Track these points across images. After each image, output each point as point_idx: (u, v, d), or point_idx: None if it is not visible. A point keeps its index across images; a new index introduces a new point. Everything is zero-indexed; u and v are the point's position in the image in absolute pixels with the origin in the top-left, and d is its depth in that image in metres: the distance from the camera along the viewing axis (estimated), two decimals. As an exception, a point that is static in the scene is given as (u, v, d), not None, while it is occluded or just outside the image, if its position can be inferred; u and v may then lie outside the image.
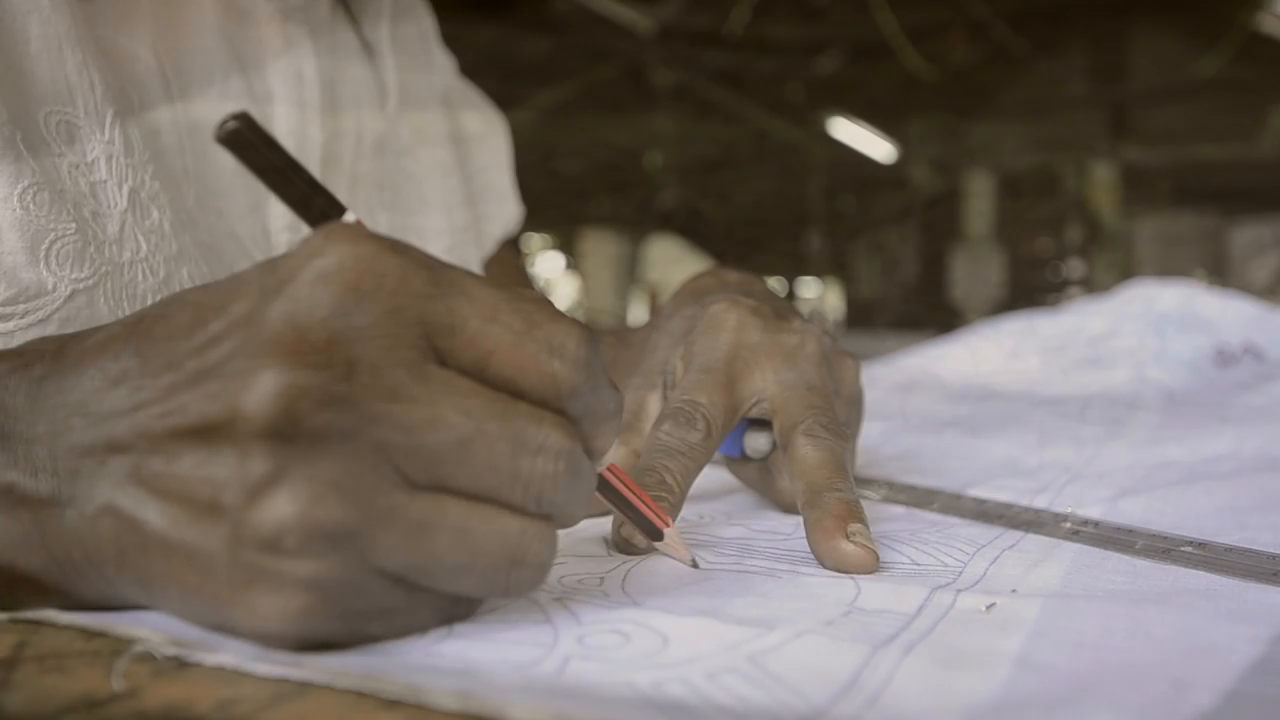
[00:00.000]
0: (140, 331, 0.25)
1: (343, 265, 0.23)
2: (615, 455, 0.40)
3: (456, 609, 0.26)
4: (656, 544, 0.33)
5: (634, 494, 0.32)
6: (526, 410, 0.24)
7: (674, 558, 0.33)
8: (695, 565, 0.32)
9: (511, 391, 0.24)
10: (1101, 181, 7.59)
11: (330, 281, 0.23)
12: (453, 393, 0.23)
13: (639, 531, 0.33)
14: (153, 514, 0.23)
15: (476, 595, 0.25)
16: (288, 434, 0.22)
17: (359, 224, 0.26)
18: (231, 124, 0.25)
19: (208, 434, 0.23)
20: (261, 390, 0.22)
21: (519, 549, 0.24)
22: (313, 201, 0.27)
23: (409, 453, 0.23)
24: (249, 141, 0.26)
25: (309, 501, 0.22)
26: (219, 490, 0.23)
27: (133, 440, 0.24)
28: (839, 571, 0.32)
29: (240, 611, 0.23)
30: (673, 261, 3.35)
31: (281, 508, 0.22)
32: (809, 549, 0.34)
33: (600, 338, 0.26)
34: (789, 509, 0.41)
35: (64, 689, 0.22)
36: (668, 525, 0.33)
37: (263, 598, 0.23)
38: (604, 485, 0.31)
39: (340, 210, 0.27)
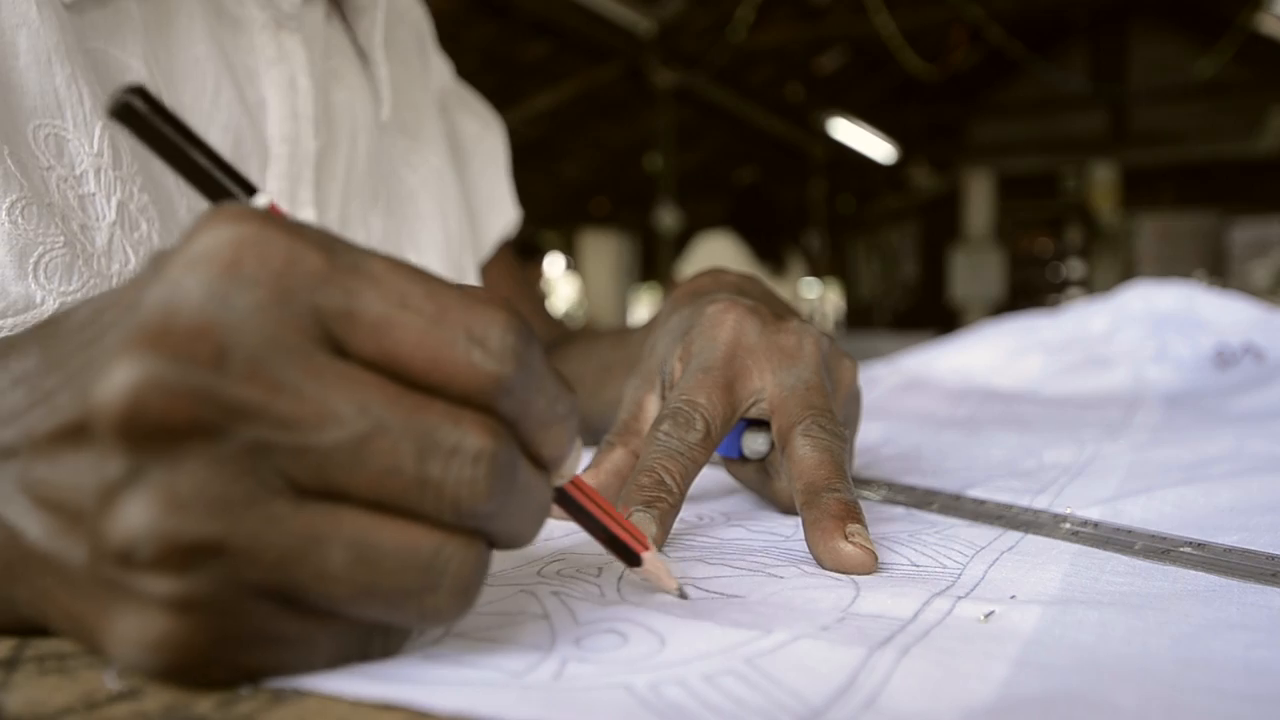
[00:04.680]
0: (47, 330, 0.23)
1: (219, 245, 0.20)
2: (613, 458, 0.40)
3: (372, 641, 0.23)
4: (636, 571, 0.29)
5: (606, 512, 0.28)
6: (440, 408, 0.21)
7: (657, 587, 0.30)
8: (683, 596, 0.29)
9: (426, 388, 0.21)
10: (1101, 181, 7.59)
11: (206, 263, 0.20)
12: (348, 386, 0.21)
13: (615, 557, 0.29)
14: (32, 524, 0.21)
15: (386, 622, 0.22)
16: (143, 432, 0.19)
17: (272, 207, 0.24)
18: (124, 97, 0.23)
19: (76, 434, 0.20)
20: (111, 384, 0.19)
21: (433, 570, 0.21)
22: (220, 182, 0.24)
23: (294, 454, 0.20)
24: (144, 118, 0.23)
25: (165, 509, 0.19)
26: (82, 496, 0.20)
27: (20, 444, 0.22)
28: (837, 572, 0.32)
29: (107, 636, 0.21)
30: (723, 263, 3.23)
31: (134, 516, 0.19)
32: (808, 550, 0.34)
33: (534, 330, 0.23)
34: (787, 509, 0.41)
35: (64, 689, 0.22)
36: (646, 549, 0.29)
37: (125, 619, 0.20)
38: (568, 503, 0.27)
39: (250, 190, 0.24)
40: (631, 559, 0.29)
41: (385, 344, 0.21)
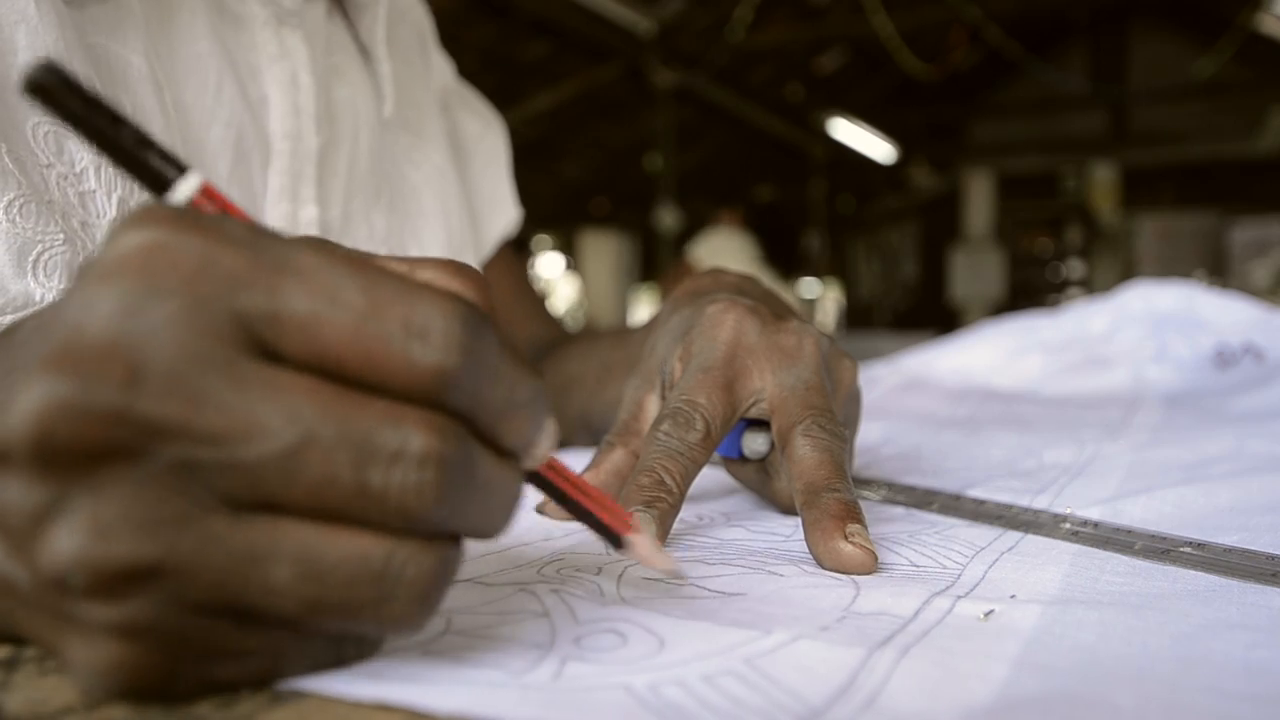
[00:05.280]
0: (3, 340, 0.22)
1: (128, 254, 0.19)
2: (613, 459, 0.40)
3: (344, 646, 0.22)
4: (622, 554, 0.27)
5: (586, 494, 0.27)
6: (380, 409, 0.20)
7: (651, 567, 0.28)
8: (680, 577, 0.29)
9: (366, 387, 0.20)
10: (1101, 181, 7.59)
11: (114, 275, 0.19)
12: (277, 394, 0.19)
13: (601, 540, 0.28)
14: None
15: (347, 632, 0.21)
16: (58, 458, 0.19)
17: (205, 187, 0.23)
18: (37, 73, 0.21)
19: (3, 459, 0.19)
20: (19, 410, 0.19)
21: (386, 578, 0.20)
22: (145, 161, 0.22)
23: (222, 470, 0.19)
24: (59, 95, 0.21)
25: (92, 535, 0.19)
26: (18, 521, 0.20)
27: None
28: (837, 572, 0.32)
29: (63, 658, 0.20)
30: (725, 257, 3.35)
31: (62, 543, 0.19)
32: (807, 550, 0.34)
33: (486, 314, 0.22)
34: (787, 510, 0.41)
35: (64, 689, 0.22)
36: (631, 530, 0.27)
37: (75, 645, 0.20)
38: (545, 486, 0.26)
39: (179, 168, 0.23)
40: (616, 541, 0.27)
41: (316, 345, 0.20)
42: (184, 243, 0.20)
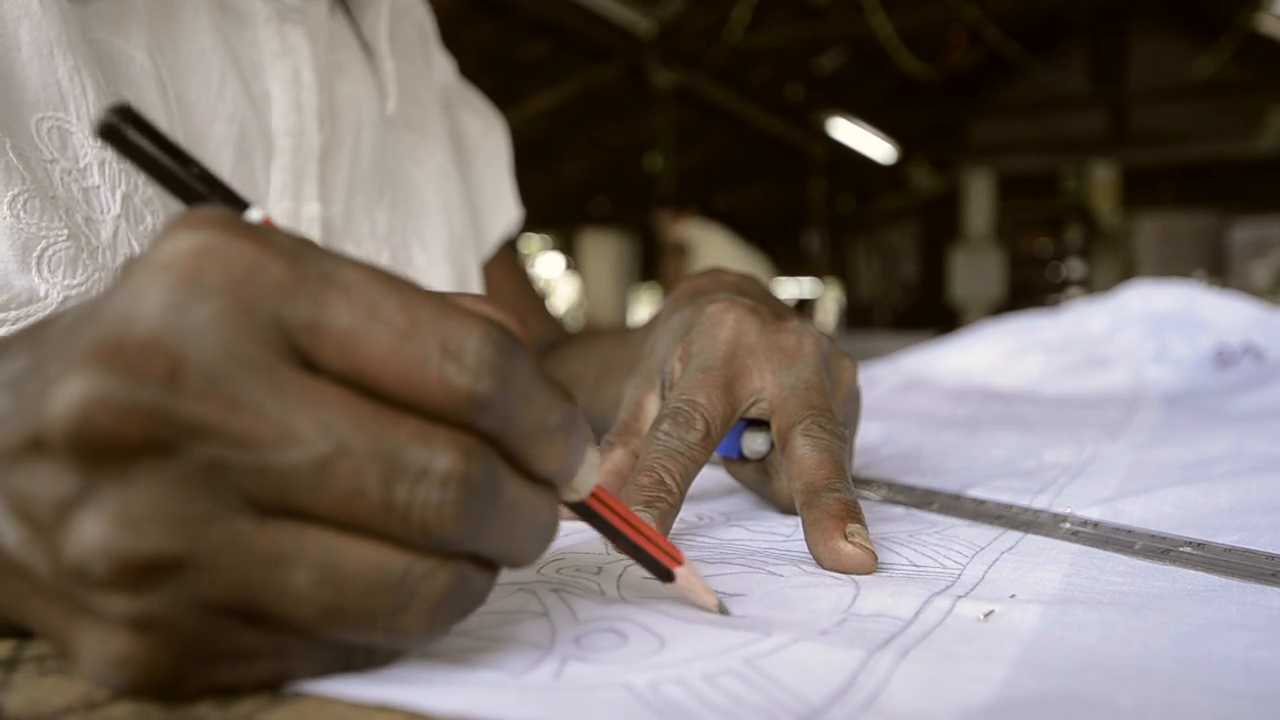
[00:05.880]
0: (38, 332, 0.22)
1: (179, 254, 0.20)
2: (613, 459, 0.40)
3: (353, 655, 0.22)
4: (669, 586, 0.28)
5: (634, 527, 0.27)
6: (412, 427, 0.20)
7: (693, 603, 0.28)
8: (725, 612, 0.28)
9: (400, 404, 0.21)
10: (1101, 181, 7.59)
11: (164, 273, 0.20)
12: (313, 404, 0.20)
13: (647, 571, 0.28)
14: (8, 531, 0.21)
15: (356, 641, 0.21)
16: (93, 449, 0.19)
17: (266, 222, 0.23)
18: (109, 117, 0.22)
19: (37, 447, 0.20)
20: (60, 400, 0.19)
21: (402, 590, 0.20)
22: (209, 199, 0.23)
23: (252, 474, 0.20)
24: (129, 137, 0.22)
25: (118, 527, 0.19)
26: (43, 510, 0.20)
27: (3, 450, 0.21)
28: (837, 572, 0.32)
29: (74, 648, 0.21)
30: (717, 250, 3.50)
31: (87, 533, 0.19)
32: (807, 550, 0.34)
33: (520, 338, 0.22)
34: (787, 509, 0.41)
35: (64, 689, 0.22)
36: (679, 564, 0.27)
37: (88, 635, 0.20)
38: (591, 518, 0.26)
39: (243, 206, 0.23)
40: (664, 575, 0.27)
41: (354, 359, 0.20)
42: (234, 248, 0.20)
